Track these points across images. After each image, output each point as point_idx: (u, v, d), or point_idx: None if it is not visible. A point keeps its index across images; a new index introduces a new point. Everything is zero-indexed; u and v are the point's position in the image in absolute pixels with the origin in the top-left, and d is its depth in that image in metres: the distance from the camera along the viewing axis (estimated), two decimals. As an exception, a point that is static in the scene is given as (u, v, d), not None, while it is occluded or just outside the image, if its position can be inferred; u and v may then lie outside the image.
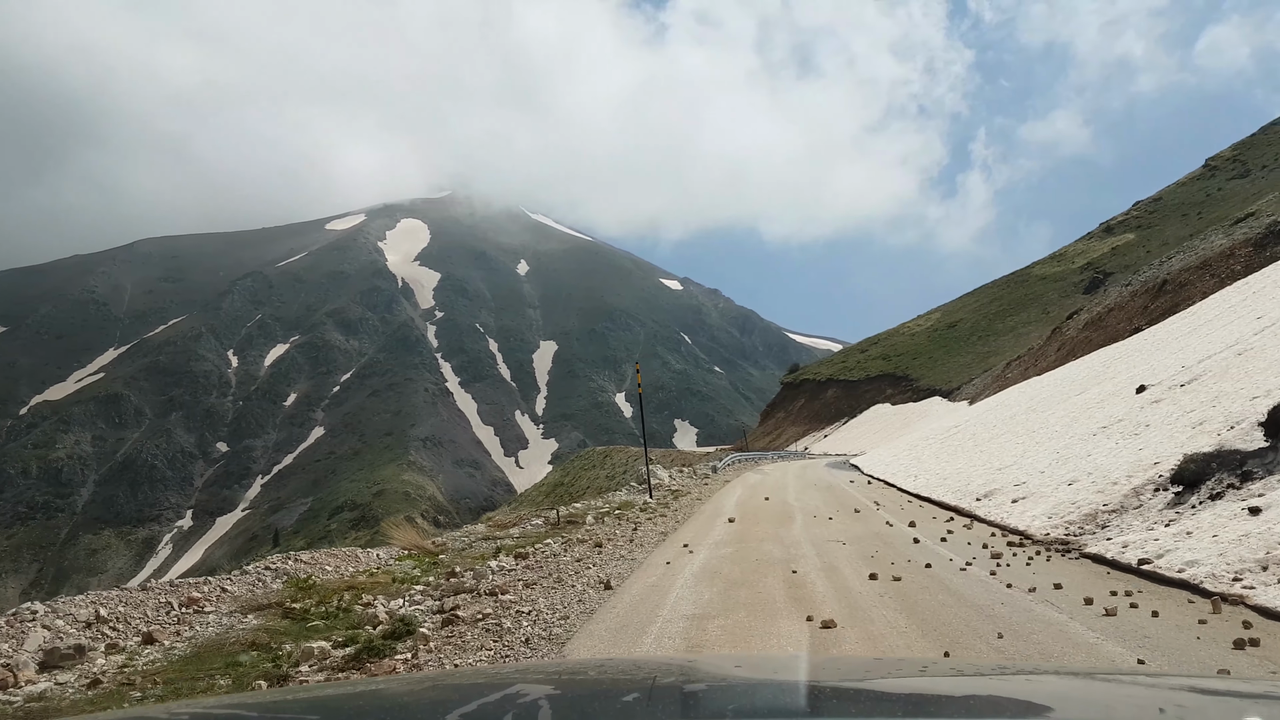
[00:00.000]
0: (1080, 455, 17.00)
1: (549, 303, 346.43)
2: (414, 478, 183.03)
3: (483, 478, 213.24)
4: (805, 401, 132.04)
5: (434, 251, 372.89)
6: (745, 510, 19.02)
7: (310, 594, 10.17)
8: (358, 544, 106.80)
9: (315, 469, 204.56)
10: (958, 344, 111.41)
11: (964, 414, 49.20)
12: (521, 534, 17.30)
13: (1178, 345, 28.20)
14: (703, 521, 17.04)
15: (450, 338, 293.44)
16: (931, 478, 23.64)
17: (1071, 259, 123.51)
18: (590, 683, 2.49)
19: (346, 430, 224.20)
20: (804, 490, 25.65)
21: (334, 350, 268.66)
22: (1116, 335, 44.70)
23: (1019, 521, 13.65)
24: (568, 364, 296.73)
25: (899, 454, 38.90)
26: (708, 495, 25.08)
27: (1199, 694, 1.97)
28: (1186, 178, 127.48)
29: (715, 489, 28.41)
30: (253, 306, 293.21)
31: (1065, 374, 38.82)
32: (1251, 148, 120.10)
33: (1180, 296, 42.17)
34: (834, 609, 7.96)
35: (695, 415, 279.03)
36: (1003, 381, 66.44)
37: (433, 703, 2.25)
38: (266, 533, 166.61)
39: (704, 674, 2.54)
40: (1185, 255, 47.25)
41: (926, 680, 2.37)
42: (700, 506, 20.88)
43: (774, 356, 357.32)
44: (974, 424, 35.60)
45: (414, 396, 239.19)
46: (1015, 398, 40.39)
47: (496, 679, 2.69)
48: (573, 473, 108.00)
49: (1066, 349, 53.28)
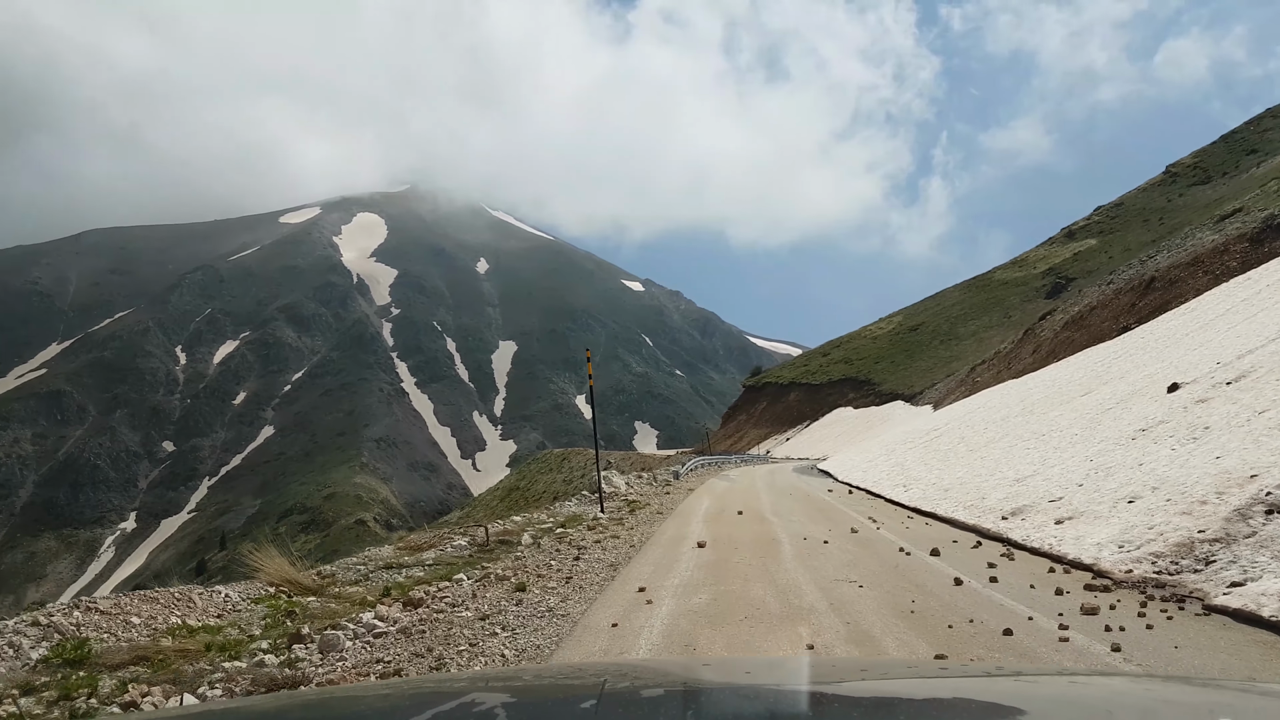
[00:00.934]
0: (1127, 464, 13.82)
1: (509, 302, 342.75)
2: (367, 480, 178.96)
3: (438, 480, 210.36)
4: (767, 405, 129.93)
5: (391, 247, 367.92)
6: (717, 529, 15.52)
7: (77, 670, 6.70)
8: (306, 548, 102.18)
9: (264, 470, 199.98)
10: (919, 348, 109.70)
11: (937, 418, 46.18)
12: (436, 560, 13.80)
13: (1194, 341, 25.27)
14: (664, 547, 13.46)
15: (406, 336, 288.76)
16: (928, 488, 20.44)
17: (1033, 264, 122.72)
18: (581, 688, 2.41)
19: (297, 430, 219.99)
20: (780, 500, 22.47)
21: (285, 347, 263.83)
22: (1102, 334, 42.15)
23: (1079, 551, 10.39)
24: (528, 365, 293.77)
25: (874, 459, 35.91)
26: (670, 507, 21.59)
27: (1177, 695, 2.01)
28: (1147, 184, 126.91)
29: (678, 499, 25.04)
30: (202, 301, 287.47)
31: (1054, 375, 35.98)
32: (1212, 155, 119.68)
33: (1171, 294, 39.71)
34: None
35: (656, 418, 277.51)
36: (971, 385, 63.91)
37: (422, 709, 2.19)
38: (213, 536, 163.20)
39: (703, 679, 2.47)
40: (1173, 252, 44.80)
41: (907, 684, 2.36)
42: (661, 524, 17.21)
43: (735, 360, 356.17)
44: (959, 427, 32.58)
45: (368, 396, 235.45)
46: (998, 400, 37.49)
47: (484, 683, 2.62)
48: (529, 476, 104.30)
49: (1045, 350, 50.73)
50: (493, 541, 15.48)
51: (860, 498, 23.28)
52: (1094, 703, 1.95)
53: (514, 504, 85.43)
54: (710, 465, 52.52)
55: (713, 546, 12.97)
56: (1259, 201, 49.00)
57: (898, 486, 22.97)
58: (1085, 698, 2.01)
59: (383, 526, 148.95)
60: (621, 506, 21.89)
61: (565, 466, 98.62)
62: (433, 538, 16.28)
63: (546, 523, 18.37)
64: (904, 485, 22.73)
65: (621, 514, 19.72)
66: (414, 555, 14.70)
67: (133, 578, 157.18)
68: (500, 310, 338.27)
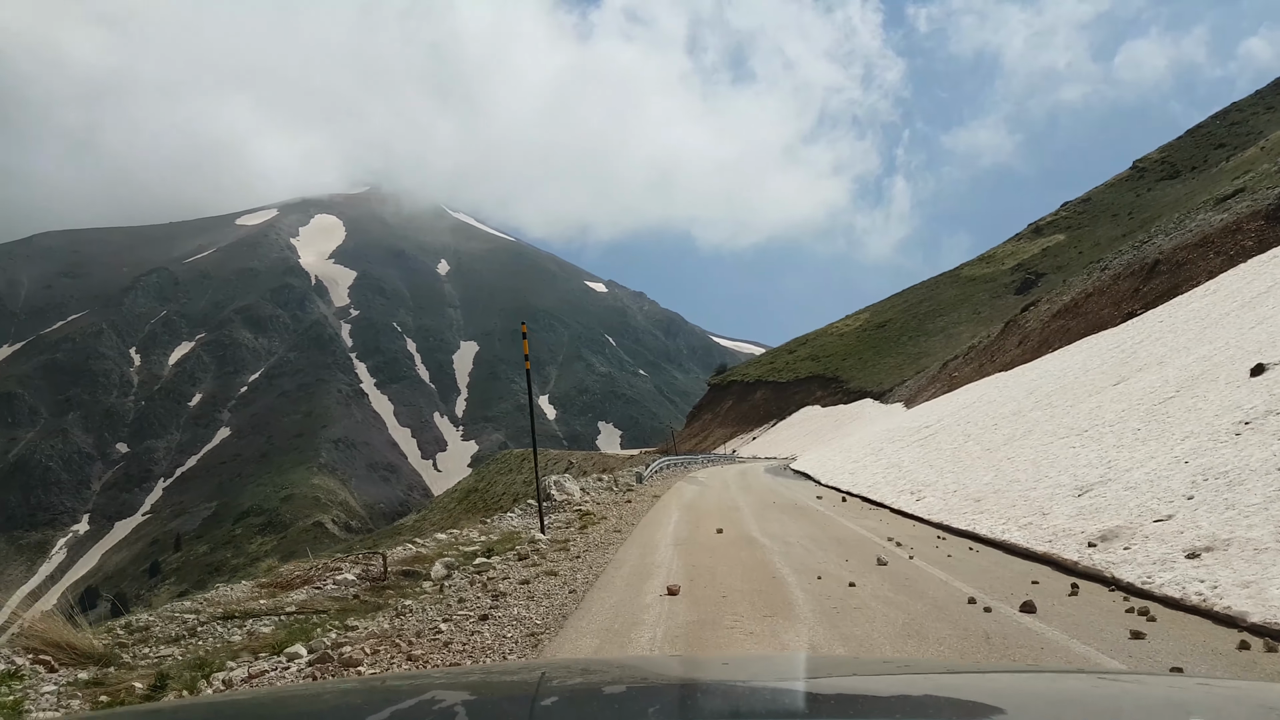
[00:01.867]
0: (1254, 468, 10.04)
1: (470, 303, 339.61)
2: (325, 482, 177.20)
3: (398, 481, 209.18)
4: (733, 403, 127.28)
5: (350, 249, 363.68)
6: (693, 560, 11.30)
7: None
8: (264, 550, 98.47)
9: (220, 472, 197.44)
10: (888, 345, 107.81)
11: (923, 414, 42.35)
12: (301, 606, 9.75)
13: (1243, 320, 21.74)
14: (619, 593, 9.08)
15: (366, 337, 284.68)
16: (948, 497, 16.58)
17: (1001, 260, 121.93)
18: (572, 687, 2.39)
19: (254, 432, 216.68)
20: (765, 512, 18.49)
21: (242, 349, 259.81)
22: (1103, 322, 38.88)
23: (1266, 611, 6.55)
24: (489, 365, 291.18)
25: (859, 459, 32.15)
26: (630, 522, 17.40)
27: (1148, 692, 2.01)
28: (1115, 179, 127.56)
29: (641, 508, 21.04)
30: (158, 303, 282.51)
31: (1059, 365, 32.42)
32: (1179, 150, 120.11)
33: (1180, 277, 36.55)
34: None
35: (620, 418, 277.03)
36: (950, 381, 60.67)
37: (421, 701, 2.18)
38: (168, 538, 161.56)
39: (699, 675, 2.45)
40: (1178, 234, 41.59)
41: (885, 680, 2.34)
42: (618, 550, 12.71)
43: (699, 360, 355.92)
44: (958, 423, 28.88)
45: (326, 397, 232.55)
46: (996, 394, 33.82)
47: (491, 677, 2.65)
48: (488, 477, 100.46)
49: (1034, 341, 47.41)
50: (392, 575, 11.47)
51: (859, 507, 19.51)
52: (1070, 699, 1.93)
53: (472, 506, 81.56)
54: (676, 466, 48.31)
55: (690, 594, 8.84)
56: (1264, 181, 45.98)
57: (904, 493, 19.18)
58: (1064, 694, 1.98)
59: (341, 528, 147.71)
60: (571, 521, 17.83)
61: (525, 467, 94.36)
62: (311, 569, 12.18)
63: (473, 544, 14.38)
64: (912, 492, 18.90)
65: (569, 533, 15.62)
66: (275, 597, 10.66)
67: (85, 579, 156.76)
68: (461, 311, 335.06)
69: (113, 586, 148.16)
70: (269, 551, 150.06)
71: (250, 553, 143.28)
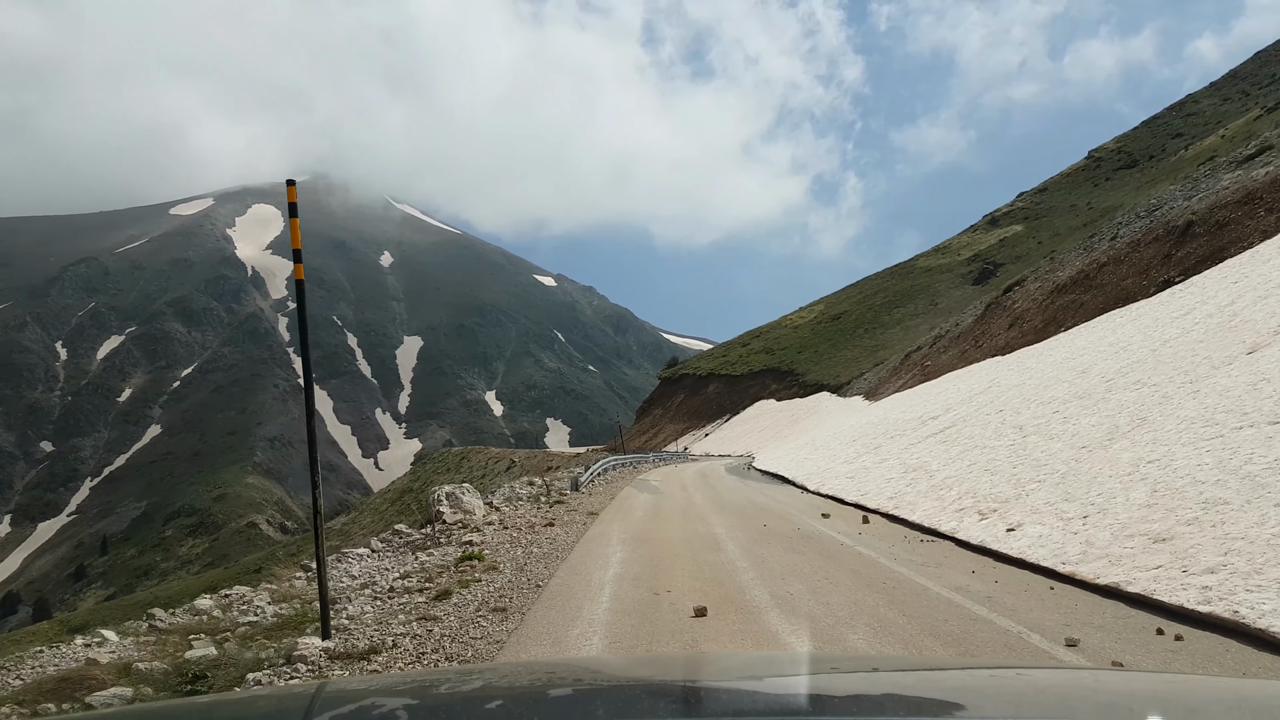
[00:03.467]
0: None
1: (415, 297, 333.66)
2: (259, 481, 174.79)
3: (338, 480, 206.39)
4: (685, 398, 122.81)
5: (288, 239, 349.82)
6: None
7: None
8: (194, 552, 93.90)
9: (151, 471, 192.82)
10: (844, 337, 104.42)
11: (917, 404, 36.17)
12: None
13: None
14: None
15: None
16: (1075, 523, 10.01)
17: (957, 251, 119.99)
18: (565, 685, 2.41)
19: (186, 429, 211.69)
20: (763, 550, 11.80)
21: (174, 342, 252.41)
22: (1129, 293, 34.05)
23: None
24: (434, 360, 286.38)
25: (850, 459, 26.33)
26: (537, 579, 10.20)
27: (1104, 687, 2.03)
28: (1070, 169, 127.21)
29: (567, 540, 13.91)
30: (85, 295, 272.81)
31: (1113, 339, 25.75)
32: (1136, 140, 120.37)
33: (1225, 238, 32.12)
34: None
35: (569, 414, 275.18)
36: (923, 370, 56.41)
37: (436, 697, 2.23)
38: (94, 540, 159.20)
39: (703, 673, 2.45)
40: (1210, 193, 37.64)
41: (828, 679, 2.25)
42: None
43: (649, 356, 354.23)
44: (985, 412, 22.84)
45: (262, 393, 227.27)
46: (1015, 378, 27.33)
47: (495, 677, 2.56)
48: (424, 477, 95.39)
49: (1037, 320, 42.31)
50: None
51: (897, 536, 13.17)
52: (1039, 694, 1.94)
53: (405, 507, 77.02)
54: (623, 466, 41.90)
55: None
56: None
57: (967, 514, 13.03)
58: (1032, 690, 1.98)
59: (276, 529, 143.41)
60: (441, 570, 11.02)
61: (465, 466, 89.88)
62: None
63: (219, 631, 8.23)
64: (980, 512, 12.73)
65: (409, 610, 8.69)
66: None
67: (5, 584, 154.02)
68: (405, 305, 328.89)
69: (34, 592, 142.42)
70: (200, 554, 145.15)
71: (181, 555, 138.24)
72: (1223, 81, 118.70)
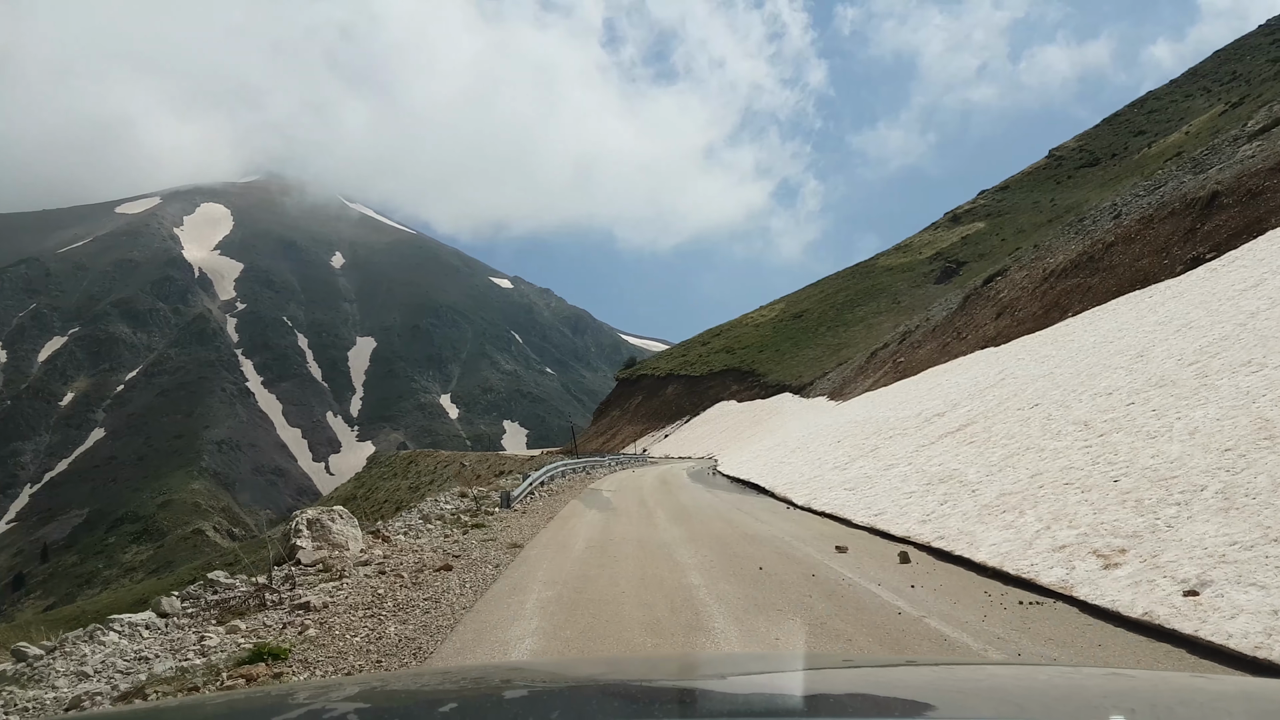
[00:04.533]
0: None
1: (368, 297, 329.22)
2: (206, 486, 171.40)
3: (287, 485, 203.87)
4: (643, 399, 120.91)
5: (237, 240, 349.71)
6: None
7: None
8: (138, 560, 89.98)
9: (93, 476, 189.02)
10: (805, 336, 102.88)
11: (910, 402, 33.42)
12: None
13: None
14: None
15: (253, 332, 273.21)
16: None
17: (918, 249, 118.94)
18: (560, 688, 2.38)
19: (131, 433, 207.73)
20: (769, 613, 8.28)
21: (119, 344, 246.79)
22: (1148, 273, 31.04)
23: None
24: (387, 362, 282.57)
25: (844, 465, 24.16)
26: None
27: (1076, 684, 2.01)
28: (1031, 168, 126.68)
29: (462, 597, 9.25)
30: (26, 295, 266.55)
31: (1154, 318, 22.39)
32: (1096, 138, 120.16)
33: (1259, 209, 29.71)
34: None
35: (526, 417, 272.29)
36: (896, 367, 53.96)
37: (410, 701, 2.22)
38: (34, 548, 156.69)
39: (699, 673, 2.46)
40: (1232, 164, 35.42)
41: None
42: None
43: (607, 358, 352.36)
44: (1009, 408, 20.23)
45: (209, 396, 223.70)
46: (1032, 369, 24.34)
47: (479, 678, 2.58)
48: (369, 483, 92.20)
49: (1034, 306, 38.83)
50: None
51: (981, 591, 8.72)
52: (1008, 692, 1.94)
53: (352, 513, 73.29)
54: (576, 471, 38.16)
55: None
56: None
57: (1082, 556, 9.23)
58: (997, 688, 2.00)
59: (224, 536, 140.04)
60: (218, 675, 7.18)
61: (412, 471, 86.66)
62: None
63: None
64: (1098, 554, 8.88)
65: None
66: None
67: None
68: (358, 306, 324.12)
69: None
70: (144, 562, 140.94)
71: (124, 563, 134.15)
72: (1183, 79, 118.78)
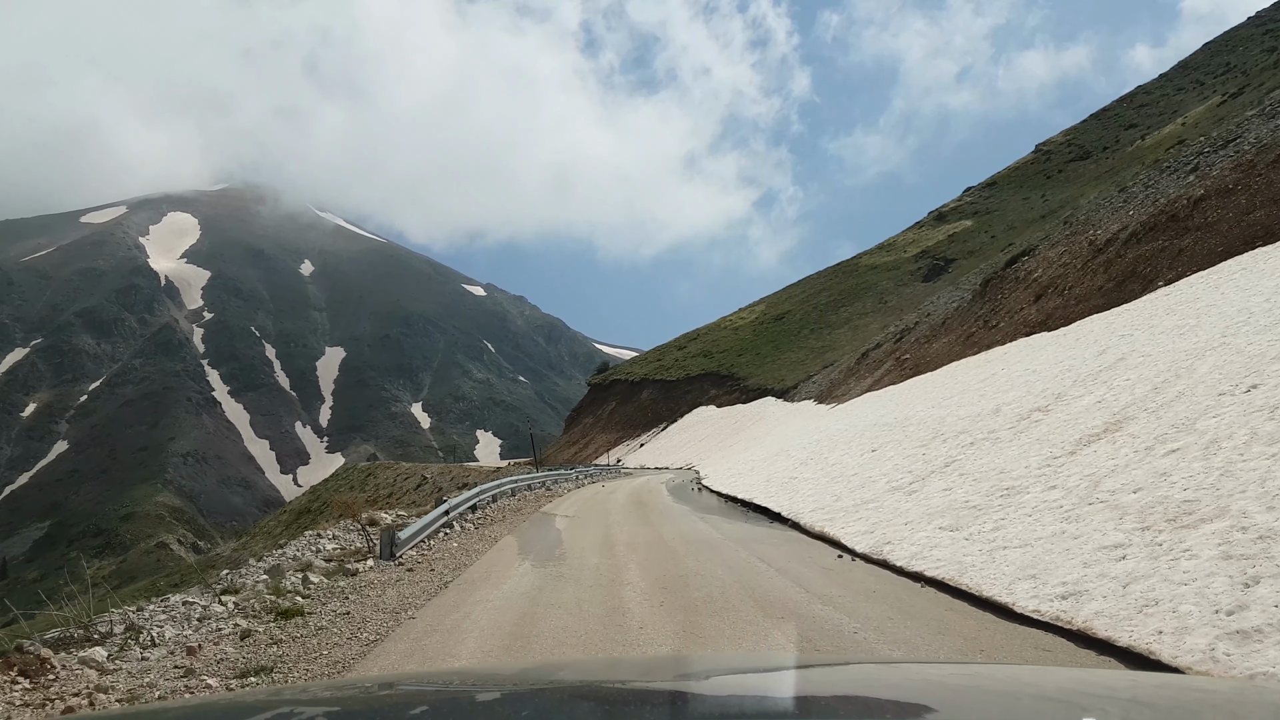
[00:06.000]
0: None
1: (337, 306, 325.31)
2: (170, 499, 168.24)
3: (254, 497, 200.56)
4: (617, 405, 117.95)
5: (204, 249, 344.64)
6: None
7: None
8: (100, 575, 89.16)
9: (55, 489, 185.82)
10: (787, 338, 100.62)
11: (958, 398, 31.17)
12: None
13: None
14: None
15: (220, 342, 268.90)
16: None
17: (903, 248, 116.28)
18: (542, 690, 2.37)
19: (94, 445, 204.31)
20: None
21: (82, 355, 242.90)
22: (1268, 226, 26.97)
23: None
24: (357, 371, 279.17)
25: (896, 477, 21.92)
26: None
27: (1059, 687, 1.99)
28: (1019, 163, 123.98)
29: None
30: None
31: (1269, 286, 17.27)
32: (1086, 132, 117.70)
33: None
34: None
35: (499, 426, 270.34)
36: (900, 365, 51.26)
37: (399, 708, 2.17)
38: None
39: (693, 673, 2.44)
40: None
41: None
42: None
43: (580, 366, 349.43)
44: (1184, 401, 18.31)
45: (175, 407, 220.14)
46: (1139, 344, 21.98)
47: (468, 681, 2.58)
48: (324, 495, 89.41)
49: (1088, 283, 33.89)
50: None
51: None
52: (999, 693, 1.91)
53: (301, 530, 70.91)
54: (534, 488, 31.79)
55: None
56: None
57: None
58: (988, 689, 1.98)
59: (188, 549, 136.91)
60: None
61: (370, 483, 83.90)
62: None
63: None
64: None
65: None
66: None
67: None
68: (328, 315, 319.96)
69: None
70: (107, 576, 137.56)
71: (85, 579, 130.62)
72: (1173, 72, 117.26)
